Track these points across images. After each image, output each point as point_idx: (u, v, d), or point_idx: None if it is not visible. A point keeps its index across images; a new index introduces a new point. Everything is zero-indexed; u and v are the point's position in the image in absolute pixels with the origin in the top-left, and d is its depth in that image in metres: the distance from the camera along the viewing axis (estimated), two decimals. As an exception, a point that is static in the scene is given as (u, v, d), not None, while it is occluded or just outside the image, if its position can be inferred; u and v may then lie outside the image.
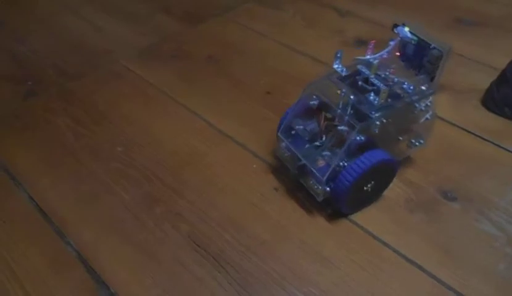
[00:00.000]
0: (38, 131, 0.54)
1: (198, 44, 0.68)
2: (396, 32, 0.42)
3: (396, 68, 0.42)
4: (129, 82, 0.61)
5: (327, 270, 0.38)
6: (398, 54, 0.43)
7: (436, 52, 0.40)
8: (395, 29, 0.42)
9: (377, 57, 0.41)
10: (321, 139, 0.42)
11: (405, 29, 0.41)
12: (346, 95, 0.39)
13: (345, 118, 0.39)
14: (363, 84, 0.41)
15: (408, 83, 0.40)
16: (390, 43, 0.42)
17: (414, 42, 0.41)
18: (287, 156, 0.44)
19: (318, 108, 0.42)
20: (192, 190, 0.45)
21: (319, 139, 0.42)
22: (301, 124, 0.42)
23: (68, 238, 0.41)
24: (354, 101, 0.39)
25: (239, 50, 0.66)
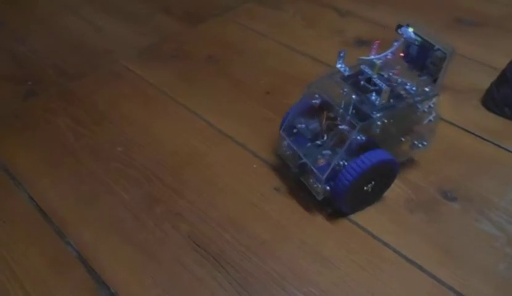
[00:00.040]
0: (38, 131, 0.54)
1: (198, 44, 0.68)
2: (400, 33, 0.41)
3: (401, 69, 0.41)
4: (129, 82, 0.61)
5: (327, 270, 0.38)
6: (403, 55, 0.43)
7: (439, 53, 0.39)
8: (399, 30, 0.41)
9: (381, 57, 0.41)
10: (323, 138, 0.42)
11: (409, 30, 0.41)
12: (348, 94, 0.39)
13: (347, 118, 0.39)
14: (365, 84, 0.40)
15: (410, 84, 0.40)
16: (394, 44, 0.42)
17: (417, 43, 0.41)
18: (288, 154, 0.44)
19: (320, 107, 0.42)
20: (192, 190, 0.45)
21: (320, 138, 0.42)
22: (304, 123, 0.42)
23: (68, 238, 0.41)
24: (356, 101, 0.39)
25: (239, 50, 0.66)
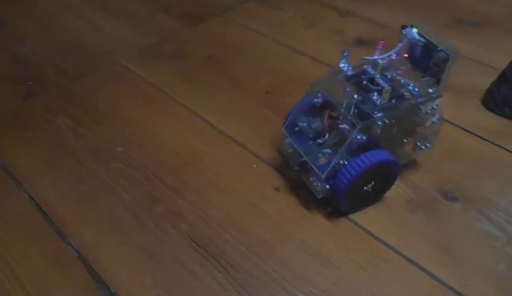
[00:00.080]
0: (38, 131, 0.54)
1: (198, 44, 0.68)
2: (404, 33, 0.41)
3: (405, 69, 0.41)
4: (129, 82, 0.61)
5: (327, 270, 0.38)
6: (407, 56, 0.42)
7: (443, 54, 0.39)
8: (403, 31, 0.41)
9: (385, 57, 0.40)
10: (324, 137, 0.42)
11: (413, 31, 0.41)
12: (350, 94, 0.39)
13: (348, 117, 0.39)
14: (368, 84, 0.40)
15: (413, 85, 0.40)
16: (399, 44, 0.41)
17: (421, 43, 0.40)
18: (289, 152, 0.44)
19: (323, 106, 0.42)
20: (192, 190, 0.45)
21: (322, 137, 0.42)
22: (306, 121, 0.42)
23: (68, 238, 0.41)
24: (357, 100, 0.39)
25: (239, 50, 0.66)
